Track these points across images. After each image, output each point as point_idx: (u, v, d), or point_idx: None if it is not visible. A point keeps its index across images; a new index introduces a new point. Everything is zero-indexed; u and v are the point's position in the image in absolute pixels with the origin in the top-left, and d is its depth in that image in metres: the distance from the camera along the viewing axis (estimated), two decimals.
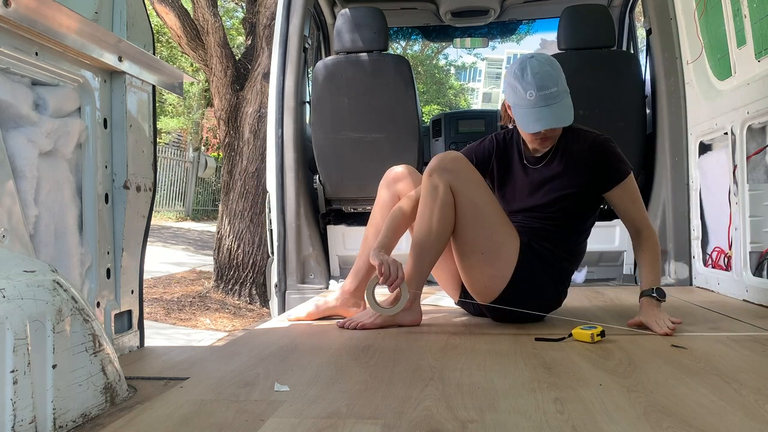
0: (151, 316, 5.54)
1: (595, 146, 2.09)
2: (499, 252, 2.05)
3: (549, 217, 2.12)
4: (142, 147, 1.85)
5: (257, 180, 6.31)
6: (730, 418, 1.13)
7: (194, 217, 15.29)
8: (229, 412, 1.22)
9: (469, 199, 2.03)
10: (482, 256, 2.05)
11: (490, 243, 2.05)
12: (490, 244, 2.05)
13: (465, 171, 2.06)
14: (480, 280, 2.09)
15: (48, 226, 1.52)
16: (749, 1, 2.46)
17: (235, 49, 8.20)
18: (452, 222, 2.03)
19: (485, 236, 2.04)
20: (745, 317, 2.15)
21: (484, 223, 2.04)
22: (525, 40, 7.02)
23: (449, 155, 2.07)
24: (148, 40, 1.90)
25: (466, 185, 2.03)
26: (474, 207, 2.03)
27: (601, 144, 2.10)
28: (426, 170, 2.06)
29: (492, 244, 2.05)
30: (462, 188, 2.02)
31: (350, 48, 3.22)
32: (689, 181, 3.09)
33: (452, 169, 2.03)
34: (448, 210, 2.02)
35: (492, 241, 2.05)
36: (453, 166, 2.04)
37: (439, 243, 2.05)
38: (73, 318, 1.18)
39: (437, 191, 2.01)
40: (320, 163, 3.33)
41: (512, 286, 2.05)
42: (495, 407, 1.21)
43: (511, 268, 2.04)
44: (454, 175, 2.03)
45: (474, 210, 2.03)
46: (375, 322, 2.07)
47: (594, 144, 2.09)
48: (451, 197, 2.02)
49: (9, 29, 1.35)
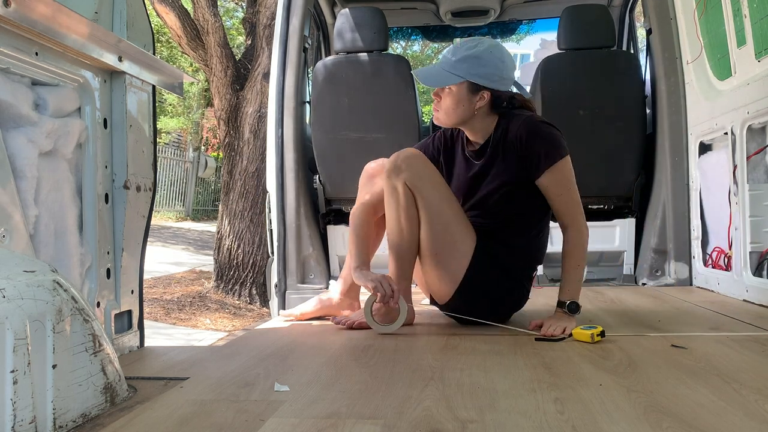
0: (151, 316, 5.54)
1: (523, 128, 1.96)
2: (452, 252, 2.00)
3: (493, 212, 2.05)
4: (142, 147, 1.84)
5: (257, 180, 6.31)
6: (730, 418, 1.13)
7: (194, 217, 15.29)
8: (229, 412, 1.22)
9: (425, 197, 1.99)
10: (436, 256, 2.01)
11: (443, 243, 2.00)
12: (443, 244, 2.00)
13: (420, 169, 2.01)
14: (434, 280, 2.06)
15: (48, 226, 1.52)
16: (749, 1, 2.46)
17: (235, 49, 8.20)
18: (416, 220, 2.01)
19: (439, 236, 2.00)
20: (745, 317, 2.15)
21: (438, 222, 2.00)
22: (525, 40, 7.02)
23: (403, 154, 2.02)
24: (148, 40, 1.90)
25: (421, 183, 1.99)
26: (429, 205, 1.99)
27: (530, 125, 1.97)
28: (385, 170, 2.03)
29: (445, 245, 2.00)
30: (418, 186, 1.99)
31: (350, 48, 3.22)
32: (689, 181, 3.09)
33: (406, 167, 1.99)
34: (412, 209, 2.00)
35: (445, 241, 2.00)
36: (407, 164, 1.99)
37: (414, 242, 2.02)
38: (73, 318, 1.18)
39: (397, 192, 1.99)
40: (320, 163, 3.33)
41: (464, 288, 2.01)
42: (495, 407, 1.21)
43: (464, 269, 2.00)
44: (409, 173, 1.98)
45: (429, 209, 1.99)
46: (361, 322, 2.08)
47: (523, 125, 1.97)
48: (411, 195, 1.99)
49: (9, 29, 1.35)
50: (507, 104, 2.03)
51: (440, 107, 2.01)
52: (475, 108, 1.99)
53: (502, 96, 2.01)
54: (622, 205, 3.32)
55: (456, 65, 1.94)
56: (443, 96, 1.99)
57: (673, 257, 3.10)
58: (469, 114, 2.00)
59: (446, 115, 2.01)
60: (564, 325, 1.88)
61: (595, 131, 3.18)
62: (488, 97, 1.98)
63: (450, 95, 1.98)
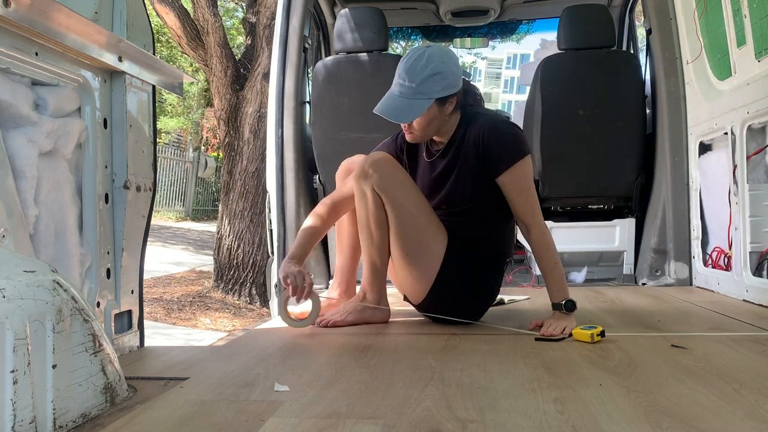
0: (151, 316, 5.54)
1: (485, 128, 1.98)
2: (423, 253, 2.03)
3: (458, 211, 2.07)
4: (142, 147, 1.85)
5: (257, 180, 6.31)
6: (730, 418, 1.13)
7: (194, 217, 15.29)
8: (229, 412, 1.22)
9: (394, 200, 2.01)
10: (407, 258, 2.04)
11: (414, 244, 2.03)
12: (413, 245, 2.03)
13: (388, 173, 2.03)
14: (407, 281, 2.10)
15: (48, 226, 1.52)
16: (749, 1, 2.46)
17: (235, 49, 8.21)
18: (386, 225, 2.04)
19: (409, 238, 2.03)
20: (745, 317, 2.15)
21: (408, 224, 2.03)
22: (525, 40, 7.03)
23: (371, 158, 2.05)
24: (148, 40, 1.90)
25: (390, 187, 2.02)
26: (398, 209, 2.02)
27: (491, 125, 1.99)
28: (354, 175, 2.06)
29: (415, 246, 2.03)
30: (386, 190, 2.01)
31: (350, 48, 3.22)
32: (689, 181, 3.09)
33: (373, 172, 2.01)
34: (381, 212, 2.02)
35: (415, 242, 2.03)
36: (375, 169, 2.01)
37: (384, 244, 2.06)
38: (73, 318, 1.18)
39: (366, 197, 2.02)
40: (320, 163, 3.33)
41: (437, 287, 2.04)
42: (495, 407, 1.21)
43: (436, 269, 2.03)
44: (377, 177, 2.01)
45: (398, 212, 2.02)
46: (346, 320, 2.11)
47: (484, 125, 1.99)
48: (380, 200, 2.02)
49: (9, 29, 1.35)
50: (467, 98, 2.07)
51: (412, 129, 2.01)
52: (446, 115, 2.01)
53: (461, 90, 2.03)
54: (622, 205, 3.32)
55: (419, 89, 1.92)
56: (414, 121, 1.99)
57: (673, 257, 3.10)
58: (441, 122, 2.03)
59: (422, 133, 2.02)
60: (564, 324, 1.88)
61: (595, 131, 3.18)
62: (455, 100, 2.01)
63: (421, 117, 1.97)
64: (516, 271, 3.47)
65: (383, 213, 2.03)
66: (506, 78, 36.17)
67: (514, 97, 29.72)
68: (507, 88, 35.46)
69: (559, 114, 3.20)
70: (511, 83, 34.83)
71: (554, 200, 3.33)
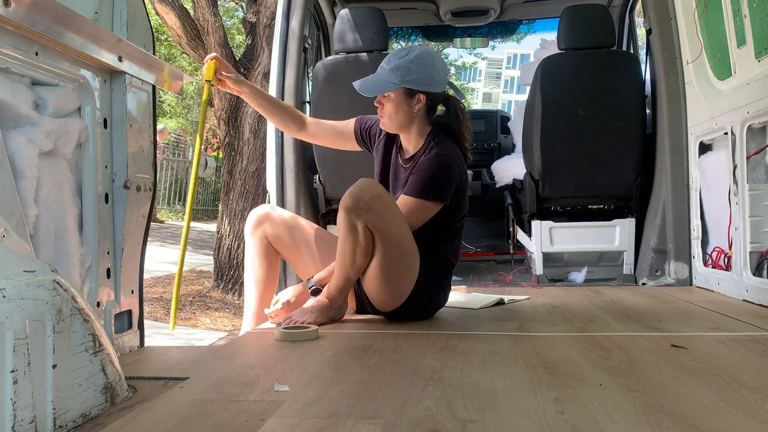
0: (151, 315, 5.54)
1: (432, 154, 2.14)
2: (403, 274, 2.12)
3: None
4: (142, 147, 1.85)
5: (257, 180, 6.31)
6: (730, 418, 1.13)
7: (194, 217, 15.29)
8: (229, 412, 1.22)
9: (386, 234, 2.04)
10: (388, 280, 2.11)
11: (396, 268, 2.11)
12: (396, 269, 2.10)
13: (382, 210, 2.03)
14: (382, 297, 2.17)
15: (48, 226, 1.52)
16: (749, 1, 2.46)
17: (235, 49, 8.20)
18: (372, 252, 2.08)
19: (393, 264, 2.10)
20: (745, 317, 2.15)
21: (395, 253, 2.08)
22: (525, 40, 7.03)
23: (367, 192, 2.01)
24: (148, 40, 1.90)
25: (384, 223, 2.03)
26: (390, 241, 2.06)
27: (437, 156, 2.14)
28: (343, 206, 2.01)
29: (398, 270, 2.11)
30: (380, 227, 2.03)
31: (350, 48, 3.22)
32: (689, 181, 3.09)
33: (368, 209, 1.99)
34: (369, 246, 2.06)
35: (399, 267, 2.11)
36: (370, 206, 2.00)
37: (364, 267, 2.11)
38: (73, 318, 1.18)
39: (356, 231, 2.02)
40: (320, 163, 3.33)
41: (410, 300, 2.15)
42: (495, 407, 1.21)
43: (411, 286, 2.13)
44: (373, 214, 2.00)
45: (389, 244, 2.06)
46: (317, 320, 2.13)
47: (435, 152, 2.15)
48: (370, 235, 2.04)
49: (9, 29, 1.35)
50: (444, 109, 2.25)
51: (384, 113, 2.21)
52: (414, 111, 2.18)
53: (437, 98, 2.21)
54: (622, 204, 3.32)
55: (390, 74, 2.14)
56: (385, 102, 2.19)
57: (673, 257, 3.10)
58: (409, 118, 2.20)
59: (389, 120, 2.21)
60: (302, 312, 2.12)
61: (595, 131, 3.18)
62: (424, 99, 2.17)
63: (389, 101, 2.18)
64: (516, 271, 3.47)
65: (372, 245, 2.06)
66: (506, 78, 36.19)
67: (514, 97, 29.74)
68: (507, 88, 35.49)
69: (559, 114, 3.20)
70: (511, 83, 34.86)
71: (554, 200, 3.33)
